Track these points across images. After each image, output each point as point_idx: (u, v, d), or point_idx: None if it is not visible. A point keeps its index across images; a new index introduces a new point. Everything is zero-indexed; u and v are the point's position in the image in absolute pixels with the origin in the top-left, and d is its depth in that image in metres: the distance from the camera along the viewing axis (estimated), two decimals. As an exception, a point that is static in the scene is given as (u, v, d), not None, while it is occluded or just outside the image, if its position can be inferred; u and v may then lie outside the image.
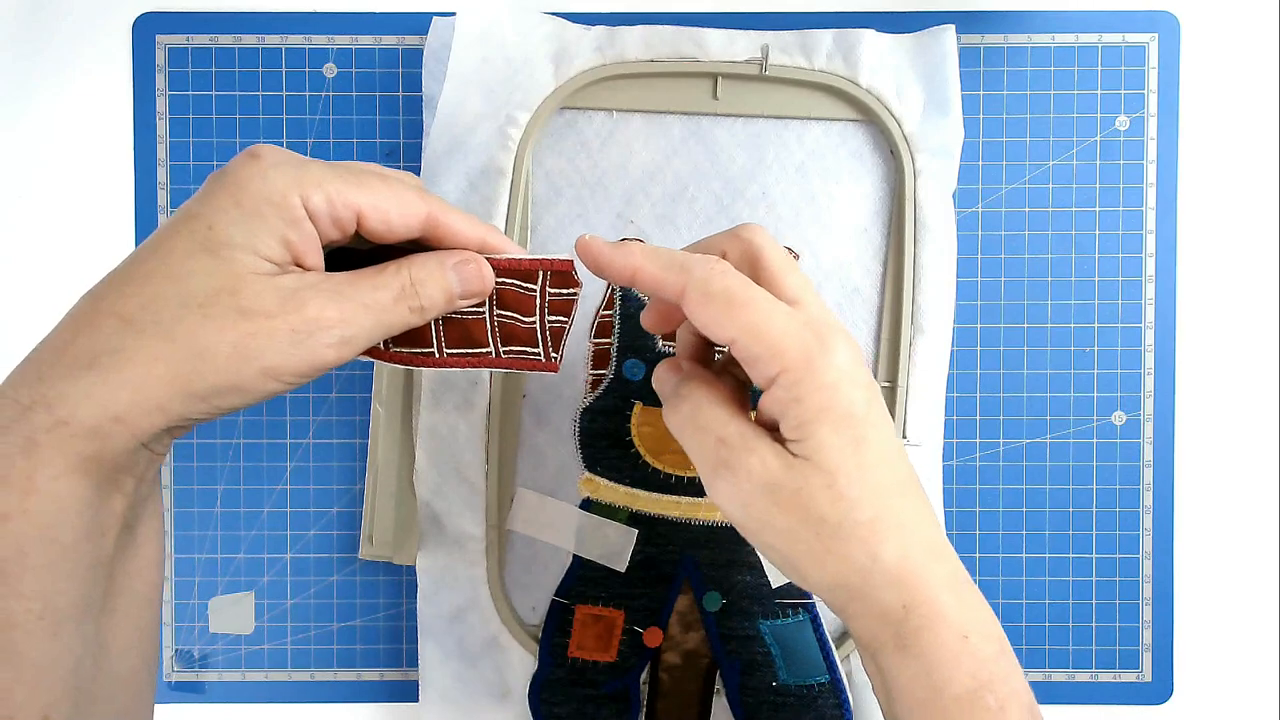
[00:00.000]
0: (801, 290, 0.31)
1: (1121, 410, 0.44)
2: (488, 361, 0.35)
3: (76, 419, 0.26)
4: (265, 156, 0.29)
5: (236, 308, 0.27)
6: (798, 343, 0.29)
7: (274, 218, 0.28)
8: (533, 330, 0.34)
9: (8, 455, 0.26)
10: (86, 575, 0.27)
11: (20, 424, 0.26)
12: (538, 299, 0.34)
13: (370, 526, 0.42)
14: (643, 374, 0.43)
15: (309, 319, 0.28)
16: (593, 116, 0.43)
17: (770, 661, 0.42)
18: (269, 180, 0.28)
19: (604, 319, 0.43)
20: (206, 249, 0.27)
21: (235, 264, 0.27)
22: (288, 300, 0.28)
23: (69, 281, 0.44)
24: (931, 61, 0.42)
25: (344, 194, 0.29)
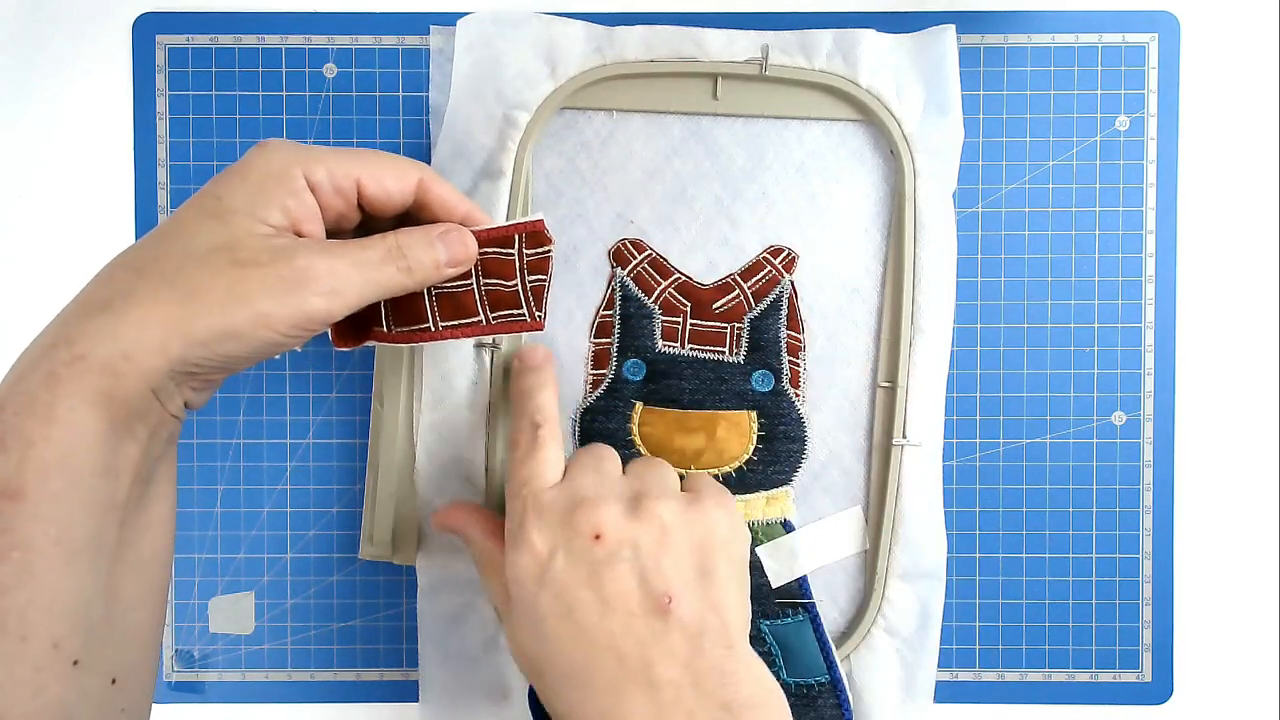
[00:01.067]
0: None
1: (1121, 410, 0.44)
2: (480, 329, 0.38)
3: (93, 354, 0.29)
4: (271, 144, 0.33)
5: (232, 259, 0.30)
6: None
7: (275, 188, 0.32)
8: (515, 292, 0.37)
9: (33, 388, 0.29)
10: (100, 514, 0.30)
11: (44, 360, 0.29)
12: (516, 261, 0.37)
13: (370, 526, 0.42)
14: (643, 374, 0.43)
15: (297, 268, 0.31)
16: (593, 117, 0.43)
17: (770, 661, 0.42)
18: (272, 159, 0.32)
19: (604, 319, 0.43)
20: (214, 215, 0.31)
21: (236, 227, 0.31)
22: (279, 254, 0.31)
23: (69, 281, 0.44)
24: (931, 61, 0.42)
25: (343, 165, 0.33)
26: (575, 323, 0.43)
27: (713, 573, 0.34)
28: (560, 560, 0.33)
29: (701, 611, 0.33)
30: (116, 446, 0.30)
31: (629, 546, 0.34)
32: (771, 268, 0.43)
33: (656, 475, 0.37)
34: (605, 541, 0.33)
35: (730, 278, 0.43)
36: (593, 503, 0.34)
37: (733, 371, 0.42)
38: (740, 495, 0.42)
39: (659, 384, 0.42)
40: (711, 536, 0.35)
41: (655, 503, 0.35)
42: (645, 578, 0.33)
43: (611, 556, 0.33)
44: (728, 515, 0.36)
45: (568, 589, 0.33)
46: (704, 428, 0.42)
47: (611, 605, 0.33)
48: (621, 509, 0.34)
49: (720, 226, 0.43)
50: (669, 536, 0.34)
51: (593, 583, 0.33)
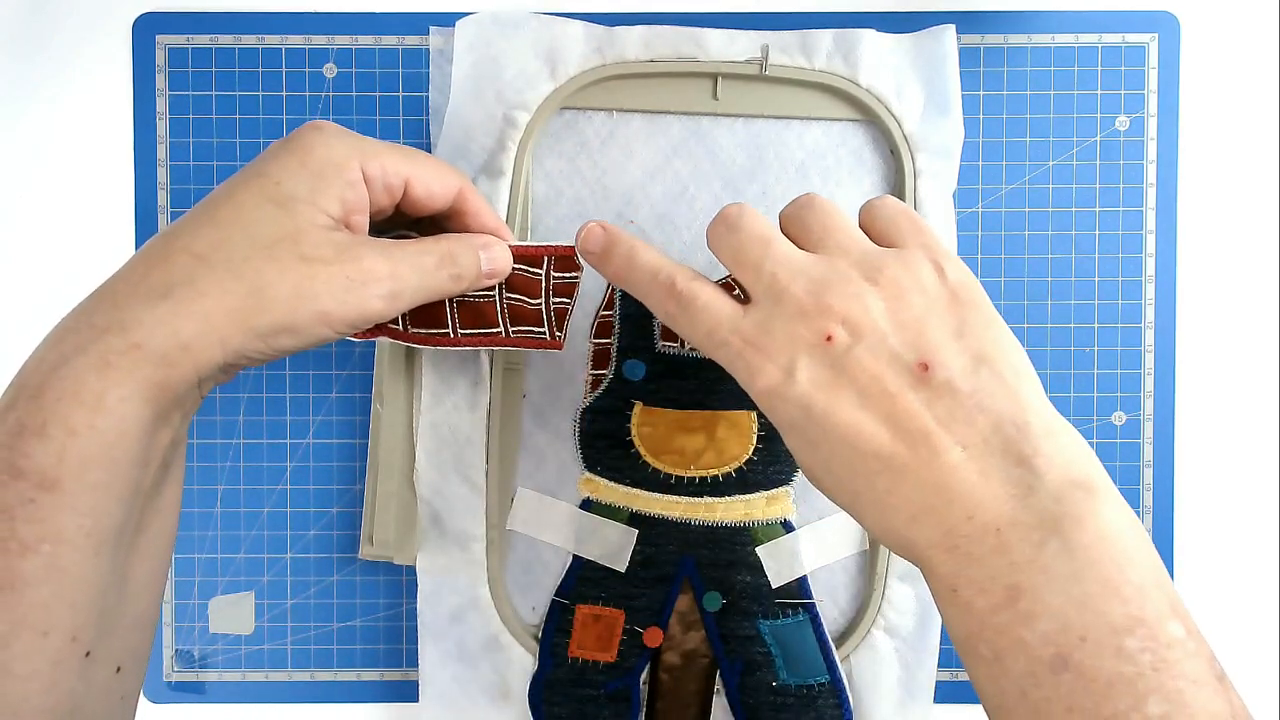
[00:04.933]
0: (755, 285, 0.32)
1: (1121, 410, 0.44)
2: (499, 340, 0.38)
3: (150, 344, 0.28)
4: (328, 128, 0.32)
5: (298, 254, 0.30)
6: (720, 351, 0.32)
7: (335, 178, 0.31)
8: (538, 311, 0.38)
9: (81, 374, 0.27)
10: (130, 501, 0.29)
11: (96, 345, 0.28)
12: (543, 282, 0.37)
13: (370, 526, 0.42)
14: (643, 374, 0.43)
15: (363, 269, 0.31)
16: (593, 116, 0.43)
17: (770, 661, 0.42)
18: (333, 147, 0.32)
19: (604, 319, 0.43)
20: (274, 201, 0.30)
21: (299, 216, 0.30)
22: (344, 251, 0.31)
23: (69, 281, 0.44)
24: (931, 61, 0.43)
25: (396, 163, 0.33)
26: (575, 323, 0.43)
27: (964, 325, 0.31)
28: (803, 371, 0.31)
29: (967, 366, 0.30)
30: (154, 435, 0.29)
31: (865, 330, 0.30)
32: (771, 268, 0.43)
33: (840, 233, 0.33)
34: (838, 338, 0.30)
35: (730, 277, 0.43)
36: (806, 304, 0.31)
37: (733, 371, 0.42)
38: (740, 495, 0.42)
39: (659, 384, 0.42)
40: (940, 289, 0.31)
41: (870, 275, 0.31)
42: (892, 354, 0.30)
43: (850, 347, 0.30)
44: (943, 260, 0.32)
45: (821, 392, 0.30)
46: (704, 428, 0.42)
47: (869, 393, 0.30)
48: (840, 298, 0.31)
49: (720, 226, 0.43)
50: (901, 304, 0.31)
51: (843, 378, 0.30)
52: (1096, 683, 0.27)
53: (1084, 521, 0.28)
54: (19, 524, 0.27)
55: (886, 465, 0.30)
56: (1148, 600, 0.27)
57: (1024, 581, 0.28)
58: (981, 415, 0.29)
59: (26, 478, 0.27)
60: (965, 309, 0.31)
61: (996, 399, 0.30)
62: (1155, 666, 0.26)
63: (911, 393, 0.30)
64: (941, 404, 0.30)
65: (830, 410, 0.30)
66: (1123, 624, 0.27)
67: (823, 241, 0.33)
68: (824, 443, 0.31)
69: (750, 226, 0.33)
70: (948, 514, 0.29)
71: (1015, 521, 0.28)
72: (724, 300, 0.33)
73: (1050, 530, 0.28)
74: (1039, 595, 0.28)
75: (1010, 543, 0.28)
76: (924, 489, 0.29)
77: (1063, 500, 0.28)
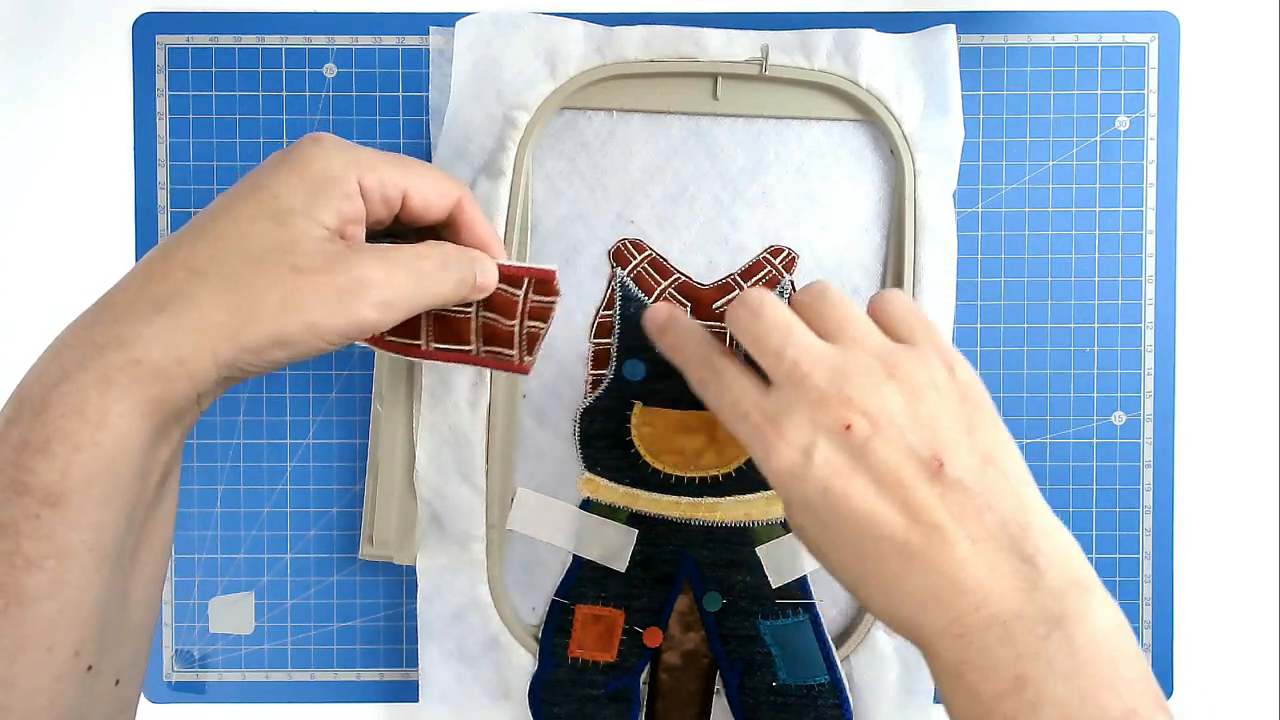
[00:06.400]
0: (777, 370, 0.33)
1: (1121, 410, 0.44)
2: (468, 358, 0.37)
3: (148, 359, 0.28)
4: (326, 140, 0.32)
5: (290, 264, 0.30)
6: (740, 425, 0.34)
7: (332, 191, 0.31)
8: (512, 332, 0.37)
9: (84, 390, 0.28)
10: (131, 515, 0.29)
11: (96, 361, 0.28)
12: (520, 304, 0.37)
13: (370, 526, 0.42)
14: (643, 374, 0.43)
15: (355, 278, 0.30)
16: (593, 116, 0.43)
17: (770, 662, 0.42)
18: (330, 159, 0.32)
19: (604, 319, 0.43)
20: (271, 215, 0.30)
21: (294, 228, 0.30)
22: (336, 261, 0.30)
23: (69, 281, 0.44)
24: (931, 61, 0.42)
25: (393, 175, 0.33)
26: (575, 323, 0.43)
27: (973, 425, 0.32)
28: (822, 454, 0.32)
29: (977, 465, 0.32)
30: (154, 449, 0.30)
31: (883, 422, 0.32)
32: (771, 268, 0.43)
33: (853, 326, 0.34)
34: (857, 428, 0.31)
35: (730, 278, 0.43)
36: (828, 392, 0.32)
37: (733, 371, 0.42)
38: (740, 495, 0.42)
39: (659, 384, 0.42)
40: (951, 387, 0.33)
41: (888, 370, 0.32)
42: (909, 448, 0.31)
43: (868, 440, 0.31)
44: (951, 359, 0.33)
45: (840, 477, 0.31)
46: (704, 428, 0.42)
47: (885, 482, 0.31)
48: (859, 391, 0.32)
49: (720, 226, 0.43)
50: (917, 400, 0.32)
51: (861, 465, 0.31)
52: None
53: (1083, 619, 0.30)
54: (24, 540, 0.27)
55: (899, 551, 0.31)
56: (1139, 694, 0.29)
57: (1029, 672, 0.29)
58: (990, 512, 0.31)
59: (32, 494, 0.27)
60: (973, 410, 0.33)
61: (1002, 498, 0.31)
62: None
63: (926, 486, 0.31)
64: (953, 498, 0.31)
65: (847, 494, 0.31)
66: (1119, 715, 0.29)
67: (840, 332, 0.34)
68: (835, 524, 0.32)
69: (771, 314, 0.34)
70: (956, 603, 0.31)
71: (1021, 614, 0.30)
72: (750, 378, 0.34)
73: (1053, 625, 0.30)
74: (1043, 686, 0.29)
75: (1016, 634, 0.30)
76: (934, 577, 0.31)
77: (1063, 597, 0.30)
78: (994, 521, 0.31)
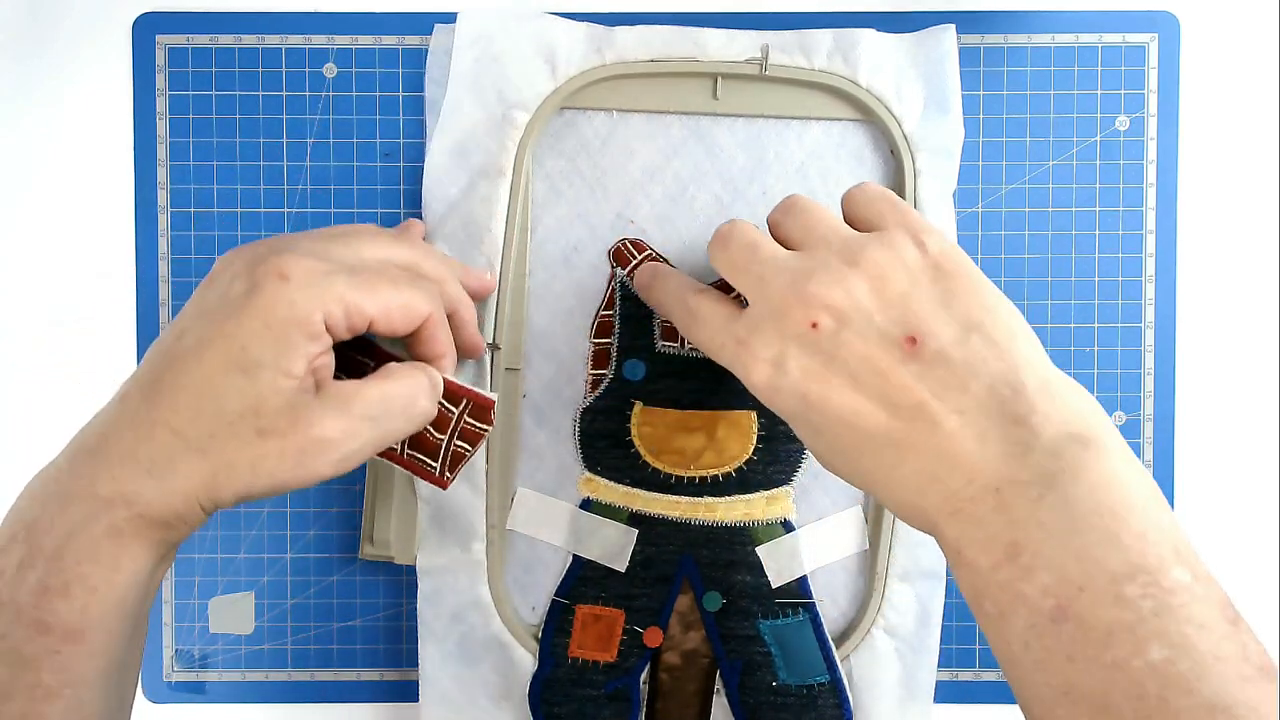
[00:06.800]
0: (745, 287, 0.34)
1: (1121, 410, 0.44)
2: (389, 455, 0.38)
3: (150, 513, 0.31)
4: (293, 278, 0.32)
5: (256, 427, 0.32)
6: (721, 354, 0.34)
7: (298, 338, 0.32)
8: (438, 445, 0.38)
9: (97, 540, 0.31)
10: (135, 631, 0.33)
11: (105, 514, 0.31)
12: (453, 420, 0.38)
13: (370, 526, 0.42)
14: (643, 374, 0.43)
15: (315, 439, 0.32)
16: (593, 116, 0.43)
17: (770, 661, 0.42)
18: (296, 305, 0.32)
19: (604, 319, 0.43)
20: (240, 368, 0.32)
21: (261, 383, 0.32)
22: (298, 421, 0.32)
23: (69, 281, 0.44)
24: (931, 61, 0.42)
25: (359, 306, 0.33)
26: (575, 323, 0.43)
27: (950, 294, 0.31)
28: (792, 361, 0.32)
29: (956, 335, 0.31)
30: (157, 572, 0.33)
31: (849, 314, 0.31)
32: (771, 268, 0.43)
33: (820, 225, 0.33)
34: (823, 324, 0.31)
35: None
36: (788, 295, 0.32)
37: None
38: (740, 495, 0.42)
39: (659, 384, 0.42)
40: (924, 262, 0.32)
41: (850, 260, 0.32)
42: (879, 333, 0.31)
43: (837, 332, 0.31)
44: (923, 235, 0.32)
45: (813, 382, 0.31)
46: (704, 428, 0.42)
47: (860, 375, 0.31)
48: (821, 285, 0.31)
49: (720, 226, 0.43)
50: (884, 283, 0.31)
51: (833, 364, 0.31)
52: (1096, 631, 0.27)
53: (1081, 474, 0.28)
54: (44, 673, 0.30)
55: (889, 441, 0.31)
56: (1149, 547, 0.27)
57: (1022, 537, 0.28)
58: (975, 380, 0.30)
59: (53, 632, 0.30)
60: (951, 279, 0.32)
61: (989, 363, 0.30)
62: (1157, 612, 0.26)
63: (902, 367, 0.31)
64: (934, 375, 0.30)
65: (825, 396, 0.31)
66: (1122, 571, 0.27)
67: (805, 238, 0.34)
68: (826, 428, 0.32)
69: (739, 236, 0.34)
70: (950, 480, 0.30)
71: (1013, 480, 0.29)
72: (723, 306, 0.35)
73: (1047, 485, 0.28)
74: (1037, 549, 0.28)
75: (1009, 501, 0.29)
76: (926, 459, 0.30)
77: (1060, 455, 0.29)
78: (980, 389, 0.30)
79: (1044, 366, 0.31)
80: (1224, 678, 0.26)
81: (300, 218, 0.44)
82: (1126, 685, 0.26)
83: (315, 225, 0.44)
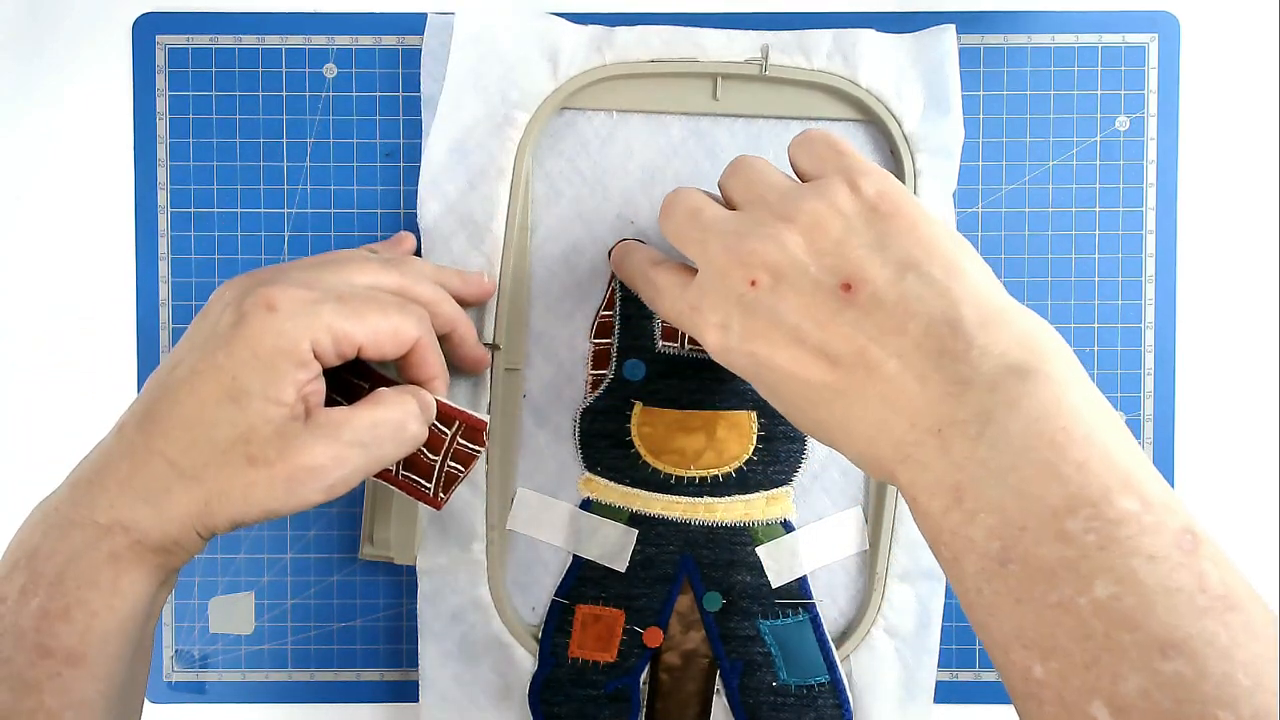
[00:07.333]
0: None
1: (1121, 410, 0.44)
2: (384, 476, 0.38)
3: (148, 540, 0.32)
4: (281, 308, 0.33)
5: (247, 455, 0.32)
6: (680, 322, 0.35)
7: (285, 365, 0.32)
8: (432, 467, 0.38)
9: (96, 565, 0.31)
10: (137, 654, 0.33)
11: (104, 541, 0.32)
12: (447, 442, 0.38)
13: (370, 526, 0.42)
14: (643, 374, 0.43)
15: (304, 467, 0.32)
16: (593, 116, 0.43)
17: (770, 661, 0.42)
18: (284, 335, 0.32)
19: (604, 319, 0.43)
20: (231, 398, 0.32)
21: (252, 413, 0.32)
22: (287, 449, 0.32)
23: (69, 282, 0.44)
24: (931, 61, 0.42)
25: (347, 333, 0.33)
26: (575, 323, 0.43)
27: (885, 235, 0.30)
28: (735, 322, 0.32)
29: (892, 276, 0.30)
30: (157, 597, 0.34)
31: (785, 268, 0.31)
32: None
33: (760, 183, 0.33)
34: (760, 280, 0.31)
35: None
36: (727, 256, 0.32)
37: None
38: (740, 495, 0.42)
39: (659, 384, 0.42)
40: (858, 206, 0.31)
41: (785, 215, 0.32)
42: (814, 284, 0.31)
43: (774, 287, 0.31)
44: (858, 178, 0.32)
45: (757, 340, 0.31)
46: (704, 428, 0.42)
47: (800, 328, 0.30)
48: (757, 242, 0.31)
49: (720, 226, 0.43)
50: (817, 232, 0.31)
51: (773, 320, 0.31)
52: (1041, 571, 0.26)
53: (1018, 406, 0.27)
54: (46, 696, 0.30)
55: (836, 393, 0.30)
56: (1090, 477, 0.26)
57: (964, 479, 0.27)
58: (912, 321, 0.29)
59: (54, 656, 0.30)
60: (887, 220, 0.31)
61: (925, 301, 0.29)
62: (1101, 546, 0.25)
63: (840, 316, 0.30)
64: (870, 320, 0.30)
65: (771, 354, 0.31)
66: (1062, 506, 0.26)
67: (745, 196, 0.34)
68: (779, 385, 0.32)
69: (682, 203, 0.34)
70: (896, 426, 0.29)
71: (953, 420, 0.28)
72: (678, 275, 0.35)
73: (985, 422, 0.27)
74: (979, 491, 0.27)
75: (950, 442, 0.28)
76: (873, 407, 0.30)
77: (997, 389, 0.27)
78: (918, 330, 0.29)
79: (989, 298, 0.29)
80: (1175, 611, 0.24)
81: (300, 218, 0.44)
82: (1073, 625, 0.25)
83: (315, 225, 0.44)
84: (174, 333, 0.44)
